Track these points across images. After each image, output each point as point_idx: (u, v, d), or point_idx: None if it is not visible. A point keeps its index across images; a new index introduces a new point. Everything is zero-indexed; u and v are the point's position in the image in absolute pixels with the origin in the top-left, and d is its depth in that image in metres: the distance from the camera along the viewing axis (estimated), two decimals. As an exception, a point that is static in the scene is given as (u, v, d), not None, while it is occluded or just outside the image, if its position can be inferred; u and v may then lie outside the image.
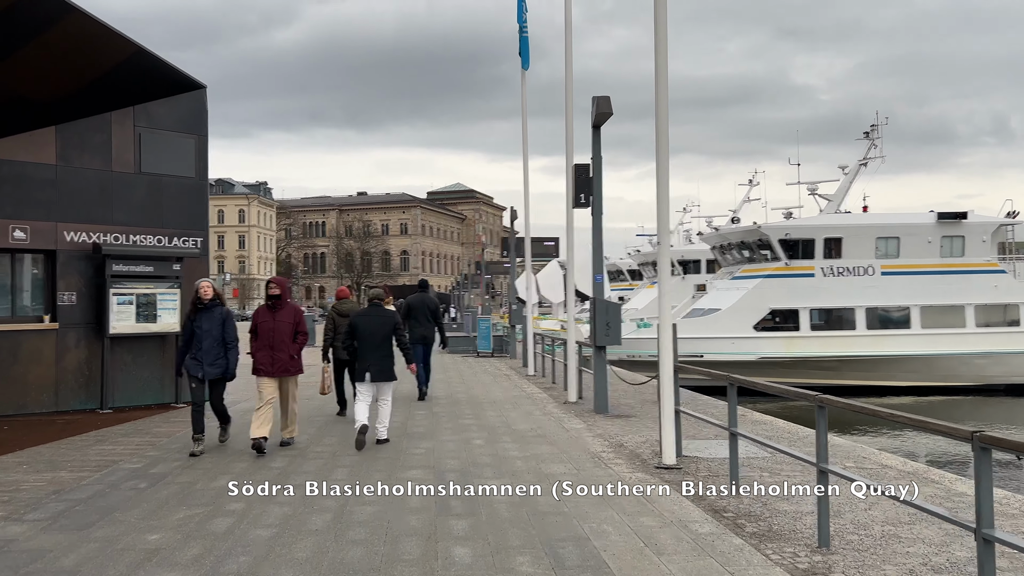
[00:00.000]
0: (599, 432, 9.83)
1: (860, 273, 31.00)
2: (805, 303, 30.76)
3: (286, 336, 8.76)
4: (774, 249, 31.21)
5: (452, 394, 14.11)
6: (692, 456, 8.15)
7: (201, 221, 13.14)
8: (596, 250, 11.71)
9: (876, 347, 30.48)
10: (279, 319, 8.77)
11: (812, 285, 30.87)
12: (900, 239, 31.10)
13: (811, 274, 31.03)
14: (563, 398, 13.40)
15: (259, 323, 8.85)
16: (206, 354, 8.57)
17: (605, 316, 11.34)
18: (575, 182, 11.52)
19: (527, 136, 18.22)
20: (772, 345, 30.32)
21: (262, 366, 8.79)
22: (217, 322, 8.59)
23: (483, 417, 11.16)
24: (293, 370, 8.95)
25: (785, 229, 31.33)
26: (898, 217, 32.02)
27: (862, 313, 30.87)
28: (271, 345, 8.71)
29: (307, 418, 11.00)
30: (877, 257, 31.07)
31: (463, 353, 26.02)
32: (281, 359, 8.75)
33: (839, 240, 31.23)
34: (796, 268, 31.13)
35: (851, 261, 31.08)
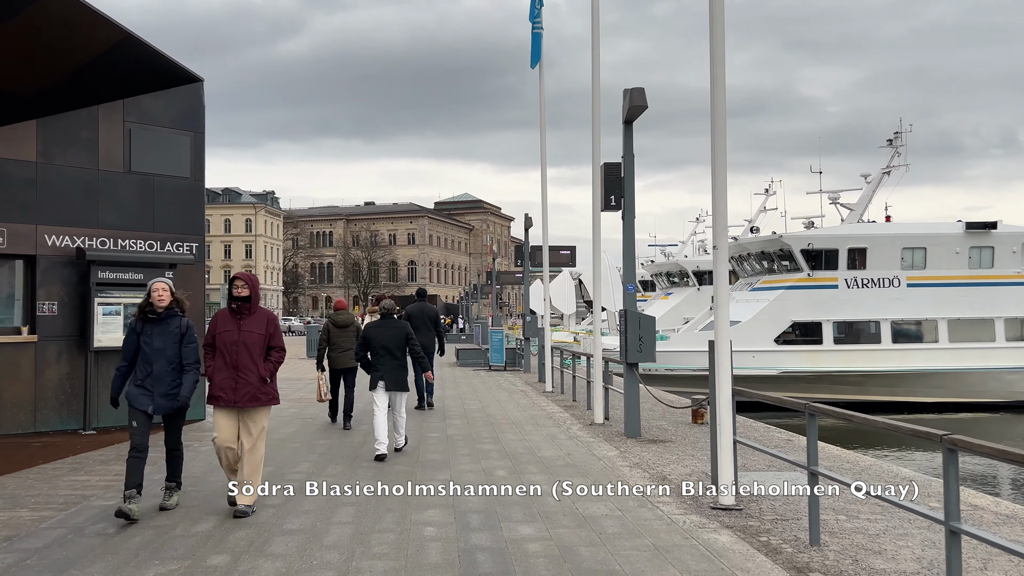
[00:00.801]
0: (635, 461, 8.75)
1: (885, 285, 29.89)
2: (828, 316, 29.66)
3: (255, 352, 6.51)
4: (796, 259, 30.12)
5: (467, 412, 13.05)
6: (751, 494, 7.07)
7: (196, 225, 12.15)
8: (628, 257, 10.67)
9: (902, 362, 29.34)
10: (247, 329, 6.54)
11: (835, 297, 29.77)
12: (927, 249, 29.98)
13: (834, 285, 29.93)
14: (587, 418, 12.33)
15: (219, 333, 6.58)
16: (157, 381, 6.38)
17: (638, 330, 10.29)
18: (604, 183, 10.50)
19: (545, 138, 17.22)
20: (794, 359, 29.18)
21: (222, 392, 6.49)
22: (173, 338, 6.48)
23: (503, 441, 10.10)
24: (264, 398, 6.61)
25: (807, 239, 30.23)
26: (925, 227, 30.90)
27: (887, 326, 29.75)
28: (235, 364, 6.45)
29: (308, 442, 9.96)
30: (903, 268, 29.96)
31: (474, 366, 24.97)
32: (248, 383, 6.45)
33: (863, 250, 30.13)
34: (819, 279, 30.03)
35: (876, 272, 29.97)
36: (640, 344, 10.30)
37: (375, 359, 9.14)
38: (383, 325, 9.29)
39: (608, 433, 10.81)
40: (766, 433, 11.02)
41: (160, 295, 6.54)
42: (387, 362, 9.05)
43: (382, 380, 9.03)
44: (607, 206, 10.51)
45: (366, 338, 9.26)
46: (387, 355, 9.07)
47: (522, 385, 18.44)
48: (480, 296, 57.07)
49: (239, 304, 6.64)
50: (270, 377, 6.63)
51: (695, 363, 29.18)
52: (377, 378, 9.05)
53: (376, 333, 9.18)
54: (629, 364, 10.43)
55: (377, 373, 9.07)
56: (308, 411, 13.24)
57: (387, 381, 9.03)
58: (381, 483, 7.45)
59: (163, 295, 6.55)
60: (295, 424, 11.68)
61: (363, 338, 9.35)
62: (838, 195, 33.83)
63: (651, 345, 10.36)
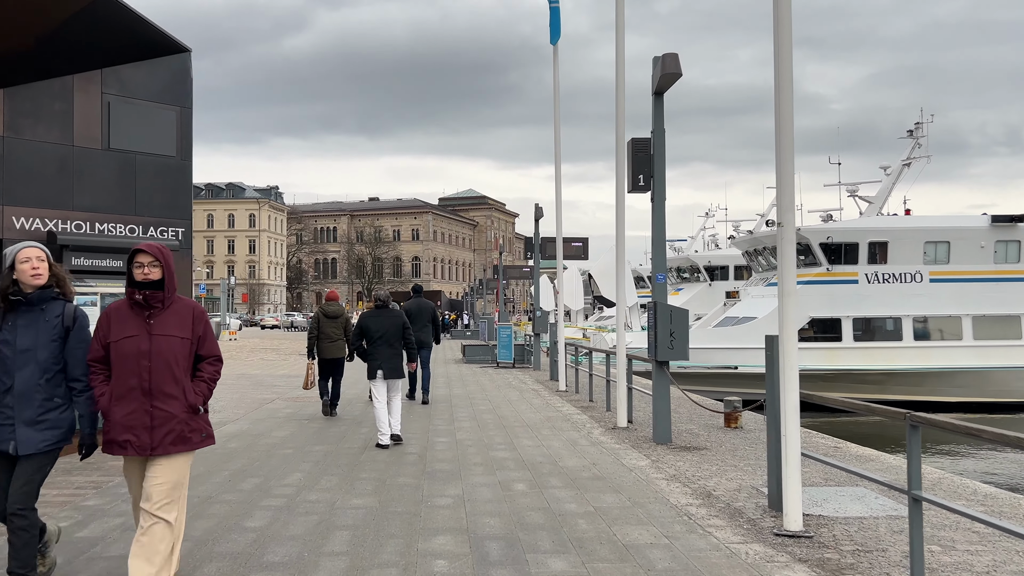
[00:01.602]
0: (671, 472, 7.71)
1: (907, 280, 28.81)
2: (847, 312, 28.59)
3: (178, 367, 4.17)
4: (814, 254, 29.04)
5: (478, 415, 12.03)
6: (818, 515, 6.02)
7: (183, 208, 11.11)
8: (658, 244, 9.61)
9: (924, 360, 28.27)
10: (161, 331, 4.16)
11: (855, 293, 28.71)
12: (950, 243, 28.86)
13: (854, 281, 28.85)
14: (608, 421, 11.30)
15: (117, 342, 4.15)
16: (23, 401, 4.12)
17: (669, 324, 9.24)
18: (632, 161, 9.44)
19: (558, 115, 16.16)
20: (812, 357, 28.04)
21: (130, 434, 4.09)
22: (50, 334, 4.20)
23: (519, 447, 9.06)
24: (196, 439, 4.27)
25: (826, 232, 29.13)
26: (948, 220, 29.78)
27: (909, 323, 28.67)
28: (145, 387, 4.09)
29: (301, 448, 8.94)
30: (925, 263, 28.86)
31: (481, 363, 23.96)
32: (169, 416, 4.12)
33: (884, 244, 29.03)
34: (838, 274, 28.95)
35: (897, 267, 28.88)
36: (671, 340, 9.26)
37: (372, 348, 9.23)
38: (380, 315, 9.42)
39: (634, 439, 9.76)
40: (808, 439, 9.97)
41: (34, 269, 4.16)
42: (384, 351, 9.20)
43: (380, 369, 9.13)
44: (635, 187, 9.46)
45: (363, 328, 9.30)
46: (384, 344, 9.23)
47: (533, 383, 17.41)
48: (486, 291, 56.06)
49: (147, 294, 4.16)
50: (203, 405, 4.28)
51: (710, 360, 28.16)
52: (376, 367, 9.15)
53: (373, 323, 9.31)
54: (659, 362, 9.38)
55: (375, 362, 9.17)
56: (305, 411, 12.24)
57: (385, 370, 9.14)
58: (382, 501, 6.43)
59: (38, 269, 4.18)
60: (291, 426, 10.67)
61: (360, 328, 9.37)
62: (856, 187, 32.71)
63: (684, 341, 9.32)
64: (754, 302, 31.06)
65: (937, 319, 28.61)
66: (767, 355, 6.24)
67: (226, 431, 10.16)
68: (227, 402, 13.33)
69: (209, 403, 4.34)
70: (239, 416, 11.67)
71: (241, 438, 9.63)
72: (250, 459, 8.25)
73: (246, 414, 11.91)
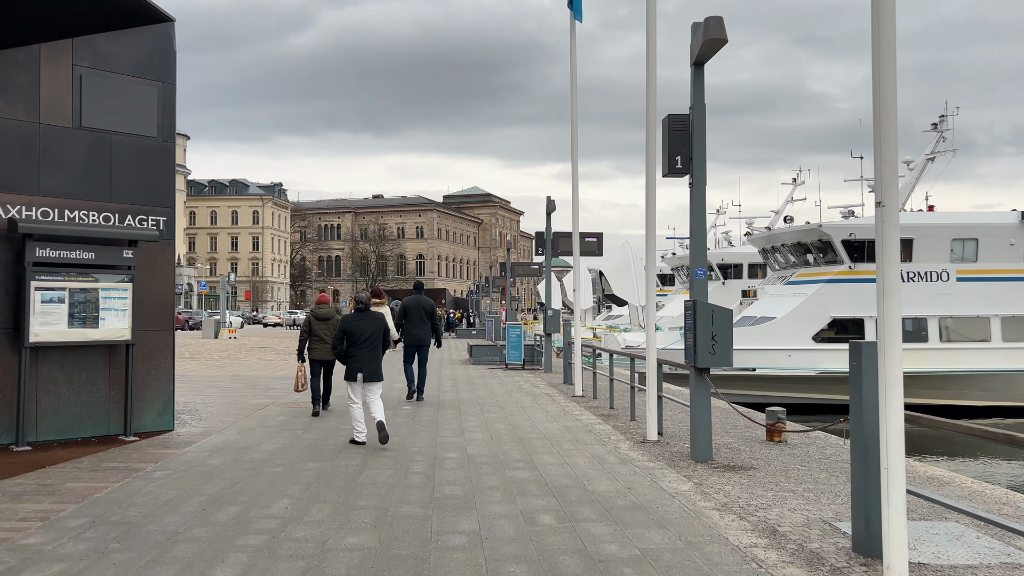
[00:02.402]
0: (721, 500, 6.60)
1: (933, 279, 27.63)
2: (871, 312, 27.21)
3: None
4: (836, 251, 27.88)
5: (489, 424, 10.93)
6: (918, 563, 4.90)
7: (164, 195, 10.04)
8: (697, 235, 8.47)
9: (950, 362, 27.09)
10: None
11: None
12: (978, 241, 27.67)
13: None
14: (634, 433, 10.20)
15: None
16: None
17: (710, 326, 8.13)
18: (668, 140, 8.32)
19: (576, 102, 15.05)
20: (834, 359, 26.89)
21: None
22: None
23: (540, 466, 7.96)
24: None
25: (849, 228, 27.95)
26: (976, 216, 28.60)
27: (935, 323, 27.49)
28: None
29: (292, 466, 7.85)
30: (952, 261, 27.67)
31: (489, 364, 22.86)
32: None
33: (909, 242, 27.81)
34: (861, 272, 27.74)
35: (923, 265, 27.69)
36: (713, 344, 8.15)
37: (353, 350, 9.11)
38: (362, 317, 9.30)
39: (668, 455, 8.66)
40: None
41: None
42: (365, 354, 9.11)
43: (360, 371, 9.06)
44: (671, 170, 8.34)
45: (346, 331, 9.16)
46: (365, 346, 9.11)
47: (546, 387, 16.31)
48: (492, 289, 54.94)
49: None
50: None
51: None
52: (355, 369, 9.07)
53: (356, 325, 9.17)
54: (698, 369, 8.27)
55: (356, 365, 9.09)
56: (300, 418, 11.15)
57: (365, 372, 9.07)
58: (383, 539, 5.34)
59: None
60: (282, 437, 9.58)
61: (342, 330, 9.22)
62: (879, 183, 31.50)
63: (727, 345, 8.21)
64: (772, 301, 29.91)
65: (964, 320, 27.43)
66: (852, 366, 5.14)
67: (210, 443, 9.08)
68: (216, 408, 12.25)
69: (195, 410, 3.32)
70: (227, 424, 10.59)
71: (225, 452, 8.54)
72: (232, 480, 7.16)
73: (235, 422, 10.84)
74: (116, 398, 9.39)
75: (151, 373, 9.74)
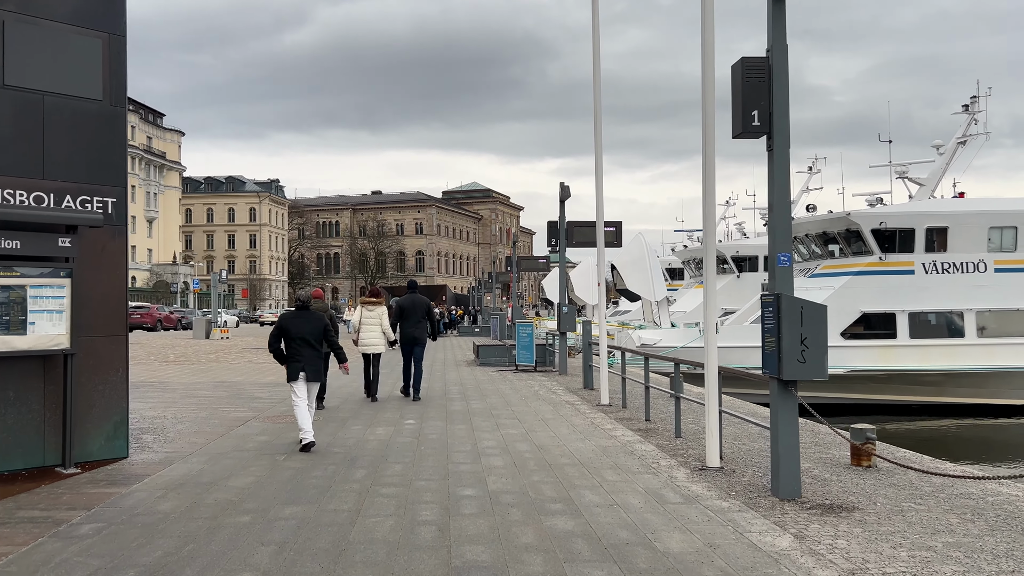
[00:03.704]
0: (845, 567, 4.82)
1: (969, 270, 25.87)
2: (903, 306, 25.68)
3: None
4: (865, 241, 26.10)
5: (508, 441, 9.16)
6: None
7: (113, 172, 8.24)
8: (780, 211, 6.67)
9: (988, 359, 25.36)
10: None
11: (911, 284, 25.82)
12: (1017, 229, 25.93)
13: (910, 271, 25.93)
14: (685, 454, 8.45)
15: None
16: None
17: (798, 327, 6.37)
18: (742, 91, 6.52)
19: (599, 81, 13.28)
20: (864, 356, 25.18)
21: None
22: None
23: (582, 507, 6.19)
24: None
25: (879, 216, 26.16)
26: (1016, 203, 26.81)
27: (971, 317, 25.76)
28: None
29: (264, 512, 6.07)
30: (990, 251, 25.91)
31: (496, 366, 21.09)
32: None
33: (944, 230, 26.05)
34: (892, 264, 26.01)
35: (958, 255, 25.92)
36: (803, 350, 6.38)
37: (293, 350, 8.91)
38: (300, 316, 9.09)
39: (740, 489, 6.89)
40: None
41: None
42: (306, 353, 8.90)
43: (303, 371, 8.85)
44: (746, 128, 6.55)
45: (282, 329, 8.98)
46: (306, 346, 8.90)
47: (564, 393, 14.55)
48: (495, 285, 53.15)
49: None
50: None
51: (746, 361, 25.30)
52: (298, 369, 8.87)
53: (293, 324, 8.98)
54: (783, 382, 6.50)
55: (297, 364, 8.87)
56: (284, 437, 9.39)
57: (308, 372, 8.87)
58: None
59: None
60: (259, 467, 7.79)
61: (278, 328, 9.03)
62: (907, 168, 29.75)
63: (821, 351, 6.46)
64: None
65: (1003, 313, 25.68)
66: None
67: (167, 477, 7.30)
68: (188, 425, 10.49)
69: (161, 428, 2.61)
70: (195, 448, 8.81)
71: (184, 491, 6.77)
72: (182, 539, 5.38)
73: (206, 444, 9.06)
74: (53, 421, 7.61)
75: (98, 389, 7.97)
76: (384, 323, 13.27)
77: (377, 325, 13.23)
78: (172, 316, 51.74)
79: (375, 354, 13.30)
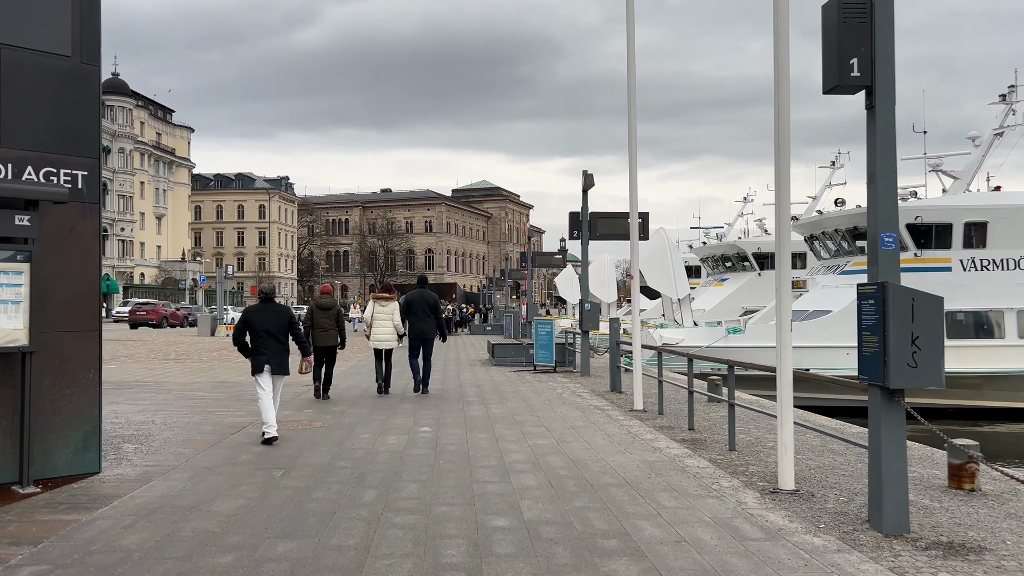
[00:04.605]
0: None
1: (1010, 267, 24.62)
2: (941, 304, 24.25)
3: None
4: (900, 236, 24.67)
5: (540, 457, 7.97)
6: None
7: (86, 140, 7.10)
8: (886, 182, 5.45)
9: (1031, 361, 24.08)
10: None
11: (949, 282, 24.55)
12: (1062, 224, 24.61)
13: (947, 268, 24.68)
14: (747, 472, 7.26)
15: None
16: None
17: (908, 323, 5.18)
18: (837, 36, 5.29)
19: (634, 67, 12.06)
20: (899, 357, 23.84)
21: None
22: None
23: (647, 548, 5.00)
24: None
25: (914, 211, 24.90)
26: (1060, 196, 25.48)
27: (1012, 317, 24.51)
28: None
29: (251, 548, 4.90)
30: (1032, 247, 24.61)
31: (513, 366, 19.91)
32: None
33: (983, 225, 24.78)
34: (928, 260, 24.76)
35: (999, 252, 24.65)
36: (914, 352, 5.19)
37: (258, 343, 8.84)
38: (265, 309, 9.06)
39: (830, 519, 5.68)
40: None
41: None
42: (271, 345, 8.84)
43: (268, 364, 8.79)
44: (842, 81, 5.33)
45: (246, 321, 8.91)
46: (270, 338, 8.85)
47: (591, 396, 13.37)
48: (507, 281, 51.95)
49: None
50: None
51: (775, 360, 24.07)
52: (263, 361, 8.81)
53: (257, 317, 8.92)
54: (888, 391, 5.30)
55: (262, 357, 8.82)
56: (284, 446, 8.23)
57: (272, 364, 8.81)
58: None
59: None
60: (251, 486, 6.63)
61: (243, 321, 8.93)
62: (940, 161, 28.40)
63: (935, 354, 5.26)
64: (825, 293, 26.89)
65: (1047, 313, 24.38)
66: None
67: (140, 500, 6.14)
68: (177, 432, 9.35)
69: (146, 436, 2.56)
70: (181, 460, 7.67)
71: (156, 519, 5.61)
72: (142, 587, 4.23)
73: (194, 456, 7.92)
74: (10, 431, 6.48)
75: (65, 393, 6.83)
76: (396, 319, 13.21)
77: (389, 320, 13.17)
78: (179, 313, 50.73)
79: (387, 349, 13.29)
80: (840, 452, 8.32)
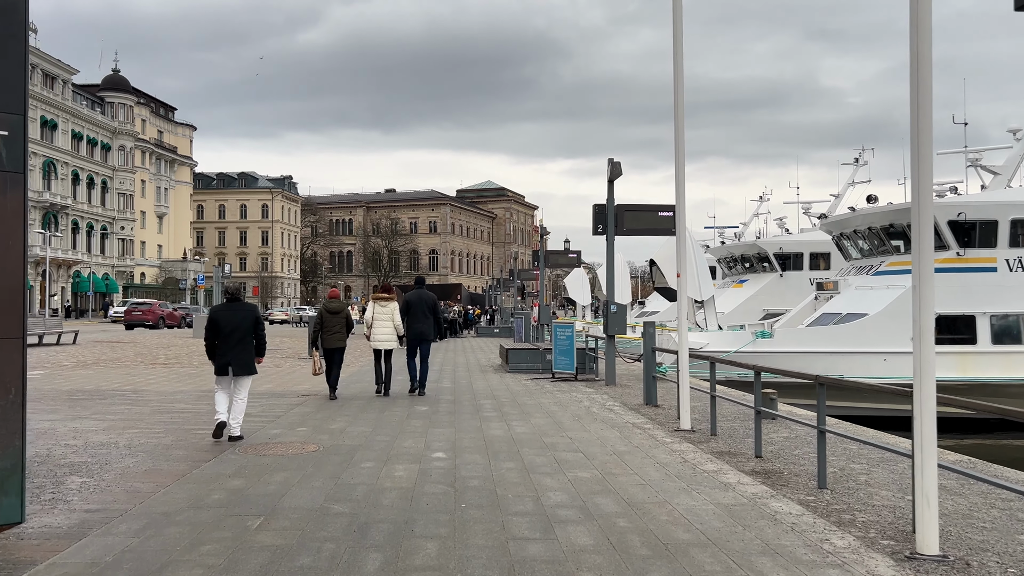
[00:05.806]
0: None
1: (1060, 268, 22.90)
2: (984, 307, 22.81)
3: None
4: (941, 234, 23.14)
5: (587, 498, 6.33)
6: None
7: (7, 92, 5.48)
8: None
9: (1079, 368, 22.38)
10: None
11: (994, 283, 22.95)
12: (1112, 221, 22.92)
13: (992, 268, 23.04)
14: (848, 519, 5.64)
15: None
16: None
17: None
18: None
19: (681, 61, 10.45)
20: (940, 364, 22.08)
21: None
22: None
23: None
24: None
25: (957, 207, 23.24)
26: (1113, 193, 23.80)
27: (1055, 322, 22.79)
28: None
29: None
30: (1084, 246, 22.94)
31: (529, 373, 18.28)
32: None
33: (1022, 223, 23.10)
34: (972, 260, 23.11)
35: (1042, 251, 22.96)
36: None
37: (223, 343, 8.74)
38: (231, 308, 8.96)
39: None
40: None
41: None
42: (235, 346, 8.75)
43: (230, 365, 8.75)
44: None
45: (214, 321, 8.83)
46: (235, 339, 8.73)
47: (623, 411, 11.75)
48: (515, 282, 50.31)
49: None
50: None
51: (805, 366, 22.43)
52: (224, 364, 8.76)
53: (224, 316, 8.85)
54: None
55: (224, 359, 8.75)
56: (266, 481, 6.60)
57: (235, 366, 8.77)
58: None
59: None
60: (216, 544, 5.00)
61: (211, 321, 8.88)
62: (980, 156, 26.74)
63: None
64: (859, 295, 25.18)
65: (1100, 317, 22.69)
66: None
67: (59, 571, 4.52)
68: (140, 458, 7.74)
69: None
70: (133, 503, 6.04)
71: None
72: None
73: (151, 495, 6.30)
74: None
75: (-26, 420, 5.22)
76: (396, 319, 13.15)
77: (389, 321, 13.10)
78: (176, 313, 49.18)
79: (387, 350, 13.19)
80: (956, 490, 6.68)
